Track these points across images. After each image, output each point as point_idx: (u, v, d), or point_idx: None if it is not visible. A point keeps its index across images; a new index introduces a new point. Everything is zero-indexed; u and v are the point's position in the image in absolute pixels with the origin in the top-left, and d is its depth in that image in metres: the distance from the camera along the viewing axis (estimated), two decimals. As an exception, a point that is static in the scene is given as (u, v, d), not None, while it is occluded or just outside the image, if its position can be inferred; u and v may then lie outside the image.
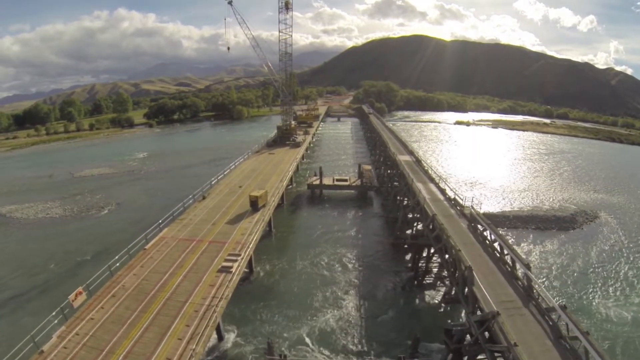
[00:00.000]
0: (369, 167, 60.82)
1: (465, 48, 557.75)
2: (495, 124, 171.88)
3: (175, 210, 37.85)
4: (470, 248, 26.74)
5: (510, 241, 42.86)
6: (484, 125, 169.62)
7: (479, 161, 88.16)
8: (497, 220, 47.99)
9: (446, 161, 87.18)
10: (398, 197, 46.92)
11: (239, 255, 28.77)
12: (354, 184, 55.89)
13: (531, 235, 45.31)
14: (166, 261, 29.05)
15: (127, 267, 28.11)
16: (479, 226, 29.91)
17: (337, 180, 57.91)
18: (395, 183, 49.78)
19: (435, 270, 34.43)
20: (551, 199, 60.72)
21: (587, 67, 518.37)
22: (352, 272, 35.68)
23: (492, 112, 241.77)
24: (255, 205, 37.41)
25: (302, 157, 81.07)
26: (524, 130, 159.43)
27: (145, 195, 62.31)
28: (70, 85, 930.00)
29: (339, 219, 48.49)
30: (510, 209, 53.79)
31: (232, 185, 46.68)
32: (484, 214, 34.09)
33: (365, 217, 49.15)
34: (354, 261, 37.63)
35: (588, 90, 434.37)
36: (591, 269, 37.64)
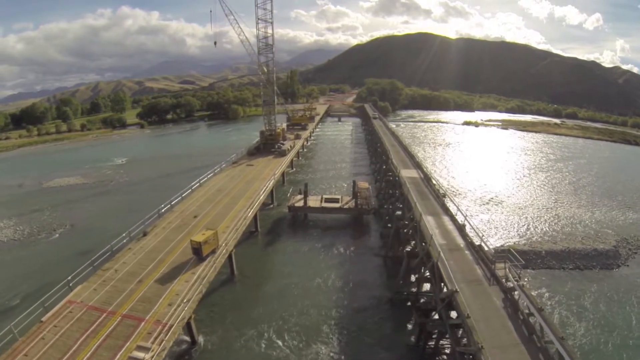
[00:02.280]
0: (365, 184, 49.28)
1: (470, 46, 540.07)
2: (506, 125, 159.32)
3: (100, 255, 27.42)
4: (512, 355, 15.99)
5: (543, 291, 32.51)
6: (494, 126, 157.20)
7: (492, 170, 76.82)
8: (527, 258, 37.06)
9: (456, 169, 75.94)
10: (402, 225, 36.00)
11: (149, 349, 18.28)
12: (346, 207, 44.72)
13: (569, 282, 34.16)
14: (57, 349, 19.16)
15: (8, 355, 18.62)
16: (516, 294, 19.35)
17: (327, 200, 46.67)
18: (397, 212, 38.57)
19: (447, 350, 23.77)
20: (584, 222, 49.42)
21: (593, 66, 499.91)
22: (332, 347, 25.05)
23: (500, 111, 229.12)
24: (198, 252, 26.76)
25: (292, 166, 70.35)
26: (536, 132, 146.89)
27: (104, 215, 52.32)
28: (75, 83, 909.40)
29: (324, 257, 37.53)
30: (539, 240, 42.57)
31: (187, 214, 35.87)
32: (511, 250, 23.63)
33: (359, 254, 38.01)
34: (337, 328, 26.83)
35: (595, 88, 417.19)
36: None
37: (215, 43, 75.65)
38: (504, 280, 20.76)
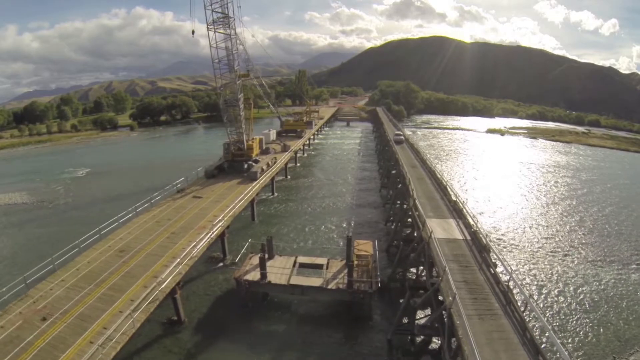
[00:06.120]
0: (368, 246, 28.41)
1: (485, 51, 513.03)
2: (532, 133, 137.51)
3: None
4: None
5: None
6: (520, 134, 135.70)
7: (537, 199, 56.62)
8: None
9: (495, 197, 55.12)
10: None
11: None
12: (332, 285, 24.53)
13: None
14: None
15: None
16: None
17: (302, 266, 26.96)
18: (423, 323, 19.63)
19: None
20: None
21: (611, 72, 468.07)
22: None
23: (521, 117, 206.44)
24: None
25: (273, 191, 51.53)
26: (566, 142, 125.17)
27: (6, 259, 35.37)
28: (90, 82, 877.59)
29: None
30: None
31: (37, 310, 17.35)
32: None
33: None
34: None
35: (613, 95, 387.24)
36: None
37: (193, 32, 58.34)
38: None
